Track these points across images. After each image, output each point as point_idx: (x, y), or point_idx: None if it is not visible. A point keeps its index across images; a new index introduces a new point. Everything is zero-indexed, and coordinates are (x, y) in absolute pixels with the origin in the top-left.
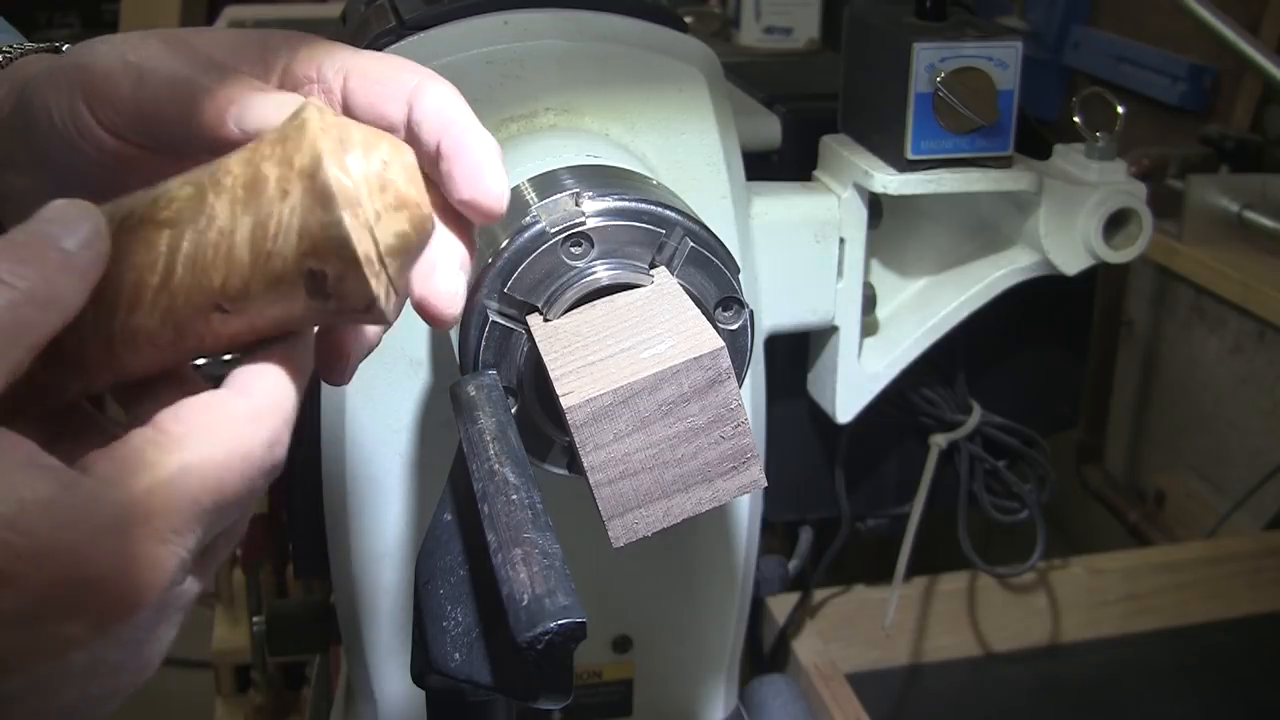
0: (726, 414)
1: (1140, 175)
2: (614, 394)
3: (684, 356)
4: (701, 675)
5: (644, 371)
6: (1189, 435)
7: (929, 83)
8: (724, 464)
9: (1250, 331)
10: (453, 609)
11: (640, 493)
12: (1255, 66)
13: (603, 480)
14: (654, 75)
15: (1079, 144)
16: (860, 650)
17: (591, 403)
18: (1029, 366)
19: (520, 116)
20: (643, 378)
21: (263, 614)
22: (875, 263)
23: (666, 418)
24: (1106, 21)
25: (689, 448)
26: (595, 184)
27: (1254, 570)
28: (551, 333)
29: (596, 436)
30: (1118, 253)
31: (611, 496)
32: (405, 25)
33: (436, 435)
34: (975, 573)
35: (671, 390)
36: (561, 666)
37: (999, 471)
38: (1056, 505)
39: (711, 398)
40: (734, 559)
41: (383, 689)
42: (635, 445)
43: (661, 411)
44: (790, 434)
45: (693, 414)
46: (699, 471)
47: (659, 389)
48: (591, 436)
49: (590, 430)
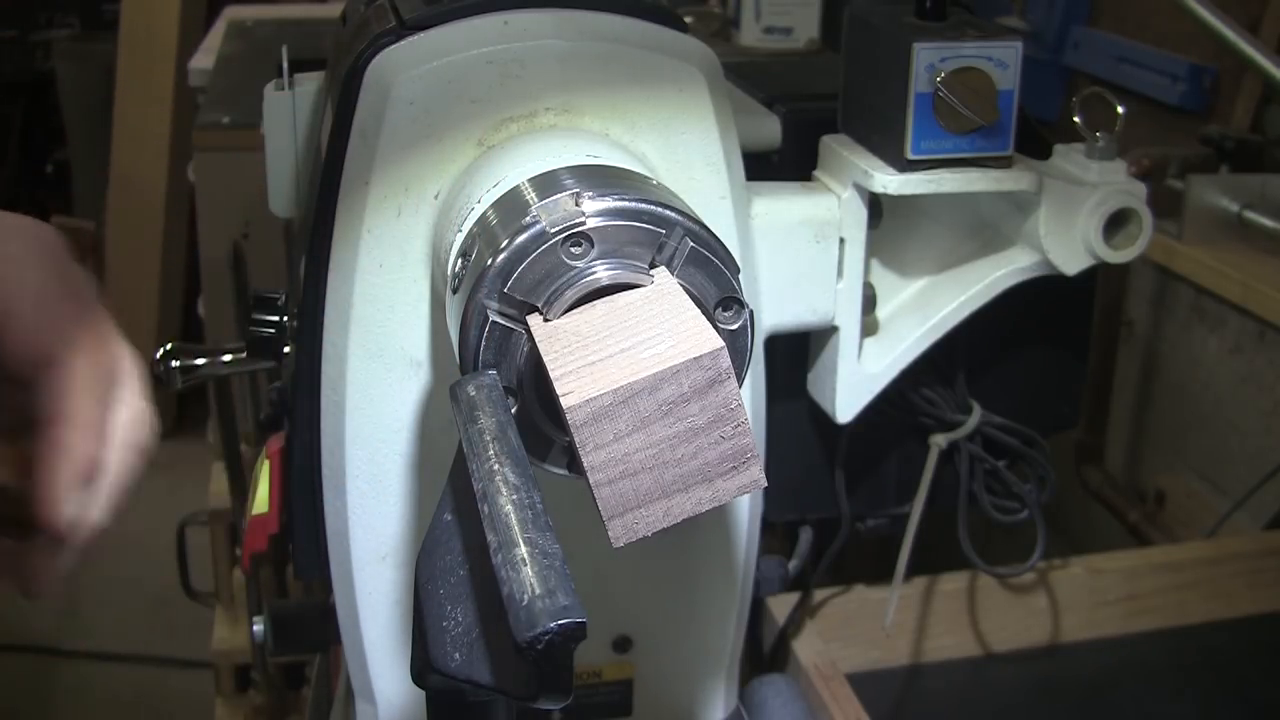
0: (726, 414)
1: (1140, 175)
2: (614, 394)
3: (684, 356)
4: (701, 675)
5: (644, 371)
6: (1189, 435)
7: (929, 83)
8: (724, 464)
9: (1250, 331)
10: (453, 609)
11: (640, 493)
12: (1255, 66)
13: (603, 480)
14: (654, 75)
15: (1079, 144)
16: (860, 650)
17: (591, 403)
18: (1029, 366)
19: (520, 116)
20: (643, 378)
21: (263, 614)
22: (875, 263)
23: (666, 418)
24: (1106, 21)
25: (689, 448)
26: (595, 184)
27: (1254, 570)
28: (551, 333)
29: (596, 436)
30: (1118, 253)
31: (611, 496)
32: (405, 25)
33: (436, 435)
34: (975, 573)
35: (671, 390)
36: (561, 666)
37: (999, 471)
38: (1056, 505)
39: (711, 398)
40: (734, 559)
41: (383, 689)
42: (635, 445)
43: (661, 411)
44: (790, 434)
45: (693, 414)
46: (699, 471)
47: (659, 389)
48: (591, 436)
49: (590, 430)
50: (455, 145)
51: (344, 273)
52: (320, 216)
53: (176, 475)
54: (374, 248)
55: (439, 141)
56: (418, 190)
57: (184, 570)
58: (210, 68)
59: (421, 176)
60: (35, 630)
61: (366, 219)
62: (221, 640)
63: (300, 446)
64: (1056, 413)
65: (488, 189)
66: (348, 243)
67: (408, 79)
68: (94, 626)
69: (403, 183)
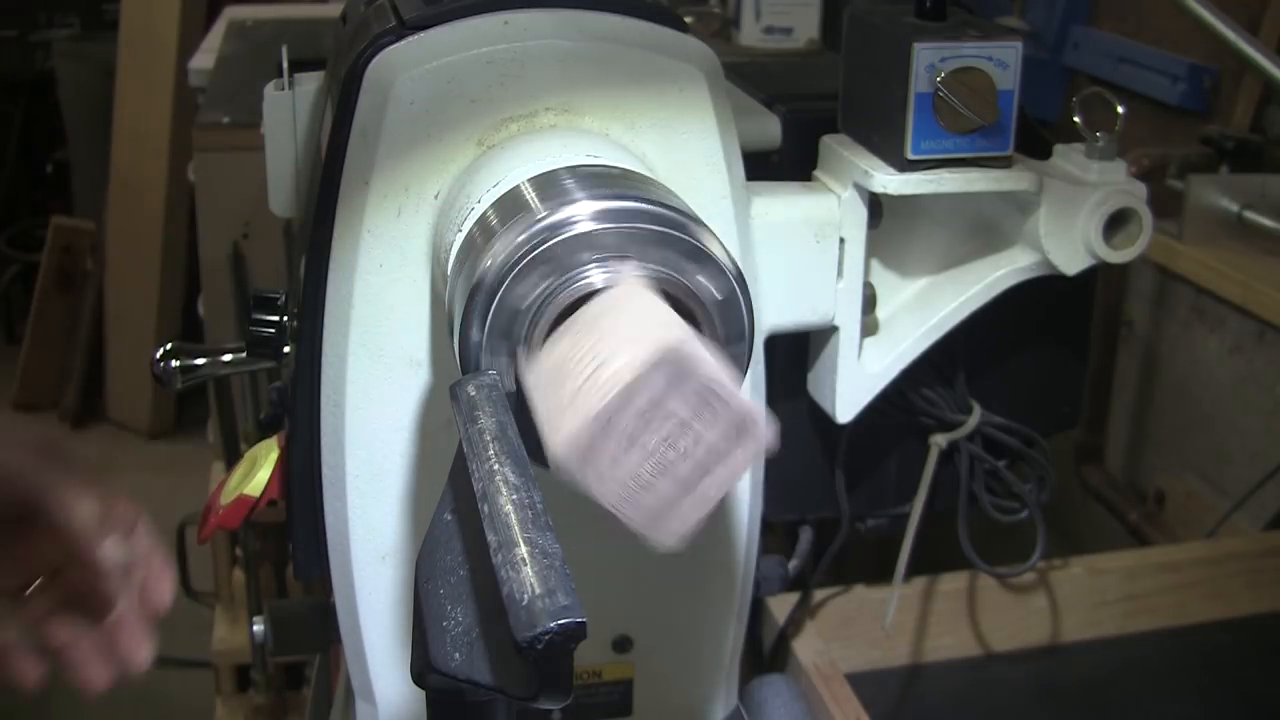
0: (707, 394)
1: (1140, 175)
2: (592, 427)
3: (640, 367)
4: (701, 675)
5: (610, 393)
6: (1189, 435)
7: (929, 83)
8: (727, 438)
9: (1250, 331)
10: (453, 609)
11: (663, 498)
12: (1255, 66)
13: (622, 504)
14: (654, 75)
15: (1079, 144)
16: (860, 650)
17: (577, 446)
18: (1029, 366)
19: (520, 116)
20: (610, 401)
21: (263, 614)
22: (875, 263)
23: (652, 424)
24: (1106, 21)
25: (687, 439)
26: (595, 184)
27: (1254, 570)
28: (535, 377)
29: (596, 471)
30: (1118, 253)
31: (637, 514)
32: (405, 25)
33: (436, 435)
34: (975, 573)
35: (644, 398)
36: (561, 666)
37: (999, 471)
38: (1056, 505)
39: (686, 387)
40: (734, 559)
41: (383, 689)
42: (635, 460)
43: (644, 421)
44: (790, 434)
45: (675, 409)
46: (709, 454)
47: (630, 403)
48: (592, 473)
49: (589, 469)
50: (455, 145)
51: (344, 273)
52: (320, 216)
53: (176, 475)
54: (374, 248)
55: (439, 141)
56: (418, 190)
57: (184, 570)
58: (210, 68)
59: (421, 176)
60: None
61: (366, 219)
62: (221, 640)
63: (300, 446)
64: (1056, 413)
65: (488, 189)
66: (348, 243)
67: (408, 79)
68: None
69: (403, 183)
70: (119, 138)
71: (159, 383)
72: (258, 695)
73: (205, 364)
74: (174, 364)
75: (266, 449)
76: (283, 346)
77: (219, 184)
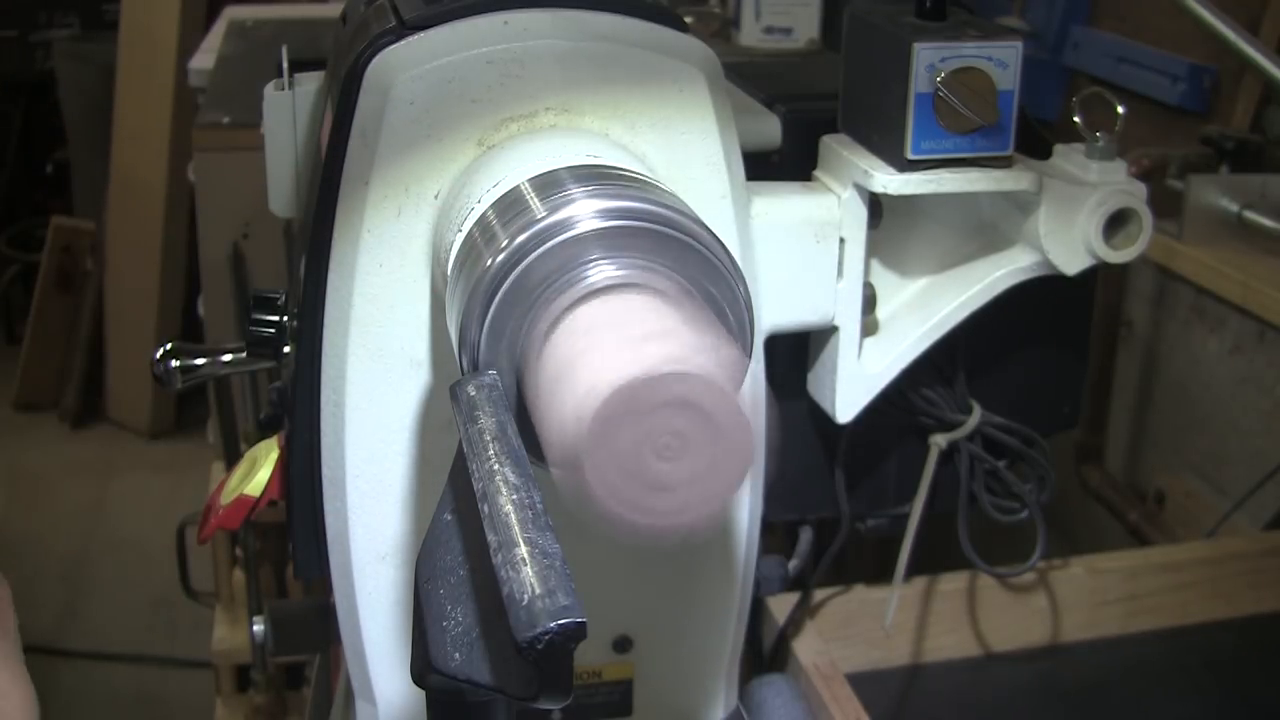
0: (702, 405)
1: (1140, 175)
2: (591, 429)
3: (638, 374)
4: (701, 675)
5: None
6: (1189, 435)
7: (929, 83)
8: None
9: (1250, 331)
10: (453, 609)
11: (655, 509)
12: (1255, 66)
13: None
14: (654, 75)
15: (1079, 144)
16: (860, 650)
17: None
18: (1029, 366)
19: (520, 116)
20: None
21: (263, 614)
22: (875, 263)
23: (648, 434)
24: (1106, 21)
25: (682, 449)
26: (595, 184)
27: (1254, 570)
28: (536, 378)
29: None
30: (1118, 253)
31: (630, 524)
32: (405, 25)
33: (436, 435)
34: (975, 573)
35: (640, 406)
36: (561, 666)
37: (999, 471)
38: (1056, 505)
39: (681, 398)
40: (734, 559)
41: (383, 689)
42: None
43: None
44: (790, 434)
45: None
46: (702, 466)
47: (627, 411)
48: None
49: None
50: (455, 145)
51: (344, 273)
52: (320, 216)
53: (176, 475)
54: (374, 248)
55: (439, 141)
56: (418, 190)
57: (184, 570)
58: (210, 68)
59: (421, 176)
60: (35, 630)
61: (366, 219)
62: (221, 640)
63: (300, 446)
64: (1057, 413)
65: (488, 189)
66: (348, 243)
67: (408, 79)
68: (94, 626)
69: (403, 183)
70: (119, 138)
71: (159, 383)
72: (258, 695)
73: (205, 364)
74: (174, 364)
75: (266, 449)
76: (283, 346)
77: (219, 184)
